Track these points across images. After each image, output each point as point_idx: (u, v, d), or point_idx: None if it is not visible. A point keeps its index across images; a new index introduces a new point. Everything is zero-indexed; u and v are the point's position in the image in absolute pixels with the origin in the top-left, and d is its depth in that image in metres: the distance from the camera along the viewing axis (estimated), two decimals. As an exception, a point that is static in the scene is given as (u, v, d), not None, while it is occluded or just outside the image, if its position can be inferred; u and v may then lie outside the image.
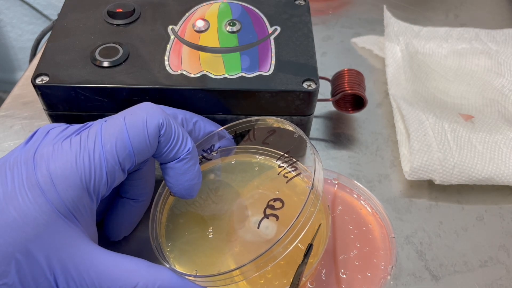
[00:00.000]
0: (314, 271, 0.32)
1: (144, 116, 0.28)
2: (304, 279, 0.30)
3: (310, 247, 0.30)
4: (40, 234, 0.25)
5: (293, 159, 0.34)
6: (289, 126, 0.33)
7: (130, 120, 0.28)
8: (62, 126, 0.30)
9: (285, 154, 0.35)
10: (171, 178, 0.30)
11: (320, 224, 0.31)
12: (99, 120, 0.30)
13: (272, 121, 0.34)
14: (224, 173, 0.35)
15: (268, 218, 0.31)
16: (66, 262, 0.26)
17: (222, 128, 0.35)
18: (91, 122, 0.30)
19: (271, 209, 0.31)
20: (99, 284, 0.26)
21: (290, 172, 0.33)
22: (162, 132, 0.28)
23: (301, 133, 0.33)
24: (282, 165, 0.34)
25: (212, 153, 0.35)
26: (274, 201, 0.31)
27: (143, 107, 0.29)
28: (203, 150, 0.35)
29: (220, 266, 0.30)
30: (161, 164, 0.30)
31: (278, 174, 0.34)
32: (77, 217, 0.27)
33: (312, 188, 0.28)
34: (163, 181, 0.32)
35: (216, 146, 0.35)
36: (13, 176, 0.26)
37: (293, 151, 0.40)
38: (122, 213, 0.34)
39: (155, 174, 0.35)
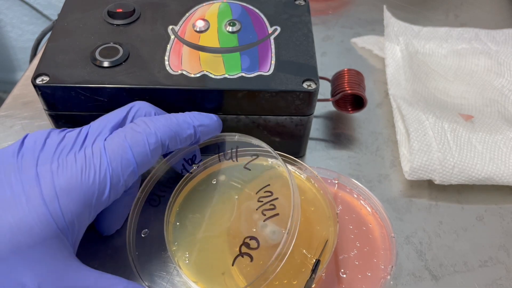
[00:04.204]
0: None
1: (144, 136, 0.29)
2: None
3: (317, 262, 0.30)
4: (33, 245, 0.25)
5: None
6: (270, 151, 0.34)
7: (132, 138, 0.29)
8: (56, 133, 0.30)
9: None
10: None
11: (327, 241, 0.31)
12: (94, 126, 0.30)
13: (255, 142, 0.34)
14: (233, 176, 0.35)
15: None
16: (51, 281, 0.26)
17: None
18: (85, 128, 0.30)
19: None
20: None
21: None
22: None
23: (281, 162, 0.33)
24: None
25: (193, 165, 0.36)
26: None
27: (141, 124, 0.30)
28: (184, 160, 0.35)
29: (223, 269, 0.30)
30: None
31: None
32: (70, 232, 0.27)
33: (287, 232, 0.28)
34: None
35: (198, 157, 0.36)
36: (11, 184, 0.26)
37: (291, 152, 0.40)
38: (111, 207, 0.33)
39: None
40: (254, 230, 0.31)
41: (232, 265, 0.30)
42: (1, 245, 0.25)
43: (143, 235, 0.33)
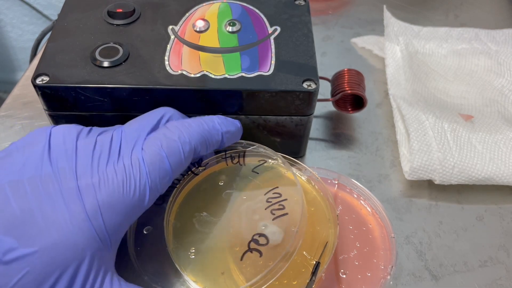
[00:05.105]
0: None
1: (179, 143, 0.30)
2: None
3: (317, 265, 0.30)
4: (78, 261, 0.25)
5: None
6: (281, 164, 0.34)
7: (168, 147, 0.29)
8: (85, 134, 0.29)
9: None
10: None
11: (327, 242, 0.31)
12: (128, 132, 0.30)
13: (263, 150, 0.35)
14: (235, 177, 0.35)
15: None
16: None
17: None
18: (117, 134, 0.29)
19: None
20: None
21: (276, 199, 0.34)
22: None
23: (292, 171, 0.33)
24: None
25: (200, 167, 0.35)
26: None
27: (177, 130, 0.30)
28: (191, 163, 0.35)
29: (223, 268, 0.30)
30: None
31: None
32: (111, 245, 0.27)
33: (297, 231, 0.29)
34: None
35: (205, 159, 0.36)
36: (51, 196, 0.26)
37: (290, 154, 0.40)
38: None
39: None
40: (255, 230, 0.31)
41: (241, 259, 0.30)
42: (49, 262, 0.25)
43: (145, 232, 0.34)
